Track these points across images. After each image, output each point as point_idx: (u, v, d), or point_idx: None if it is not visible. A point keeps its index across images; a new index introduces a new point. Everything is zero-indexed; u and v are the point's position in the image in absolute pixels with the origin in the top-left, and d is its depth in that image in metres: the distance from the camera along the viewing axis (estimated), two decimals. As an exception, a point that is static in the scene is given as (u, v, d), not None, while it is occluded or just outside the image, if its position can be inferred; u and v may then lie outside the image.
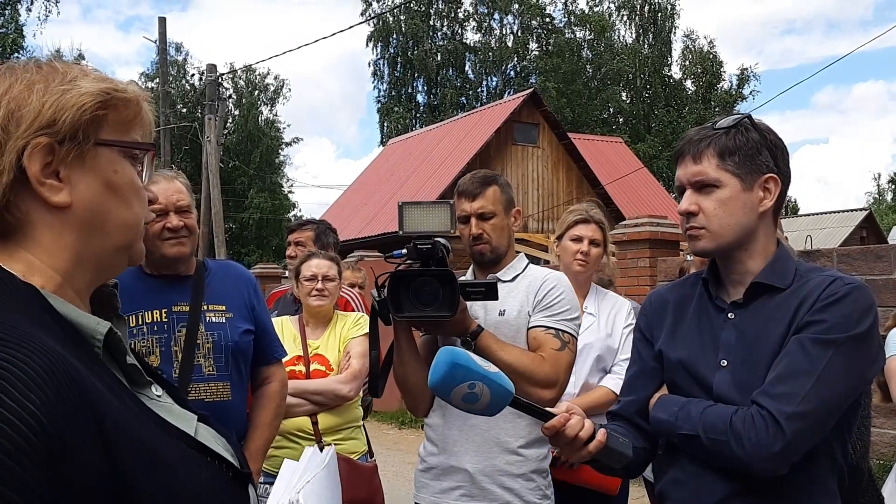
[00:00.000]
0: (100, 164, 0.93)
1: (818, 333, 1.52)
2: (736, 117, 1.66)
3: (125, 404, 0.87)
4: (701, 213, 1.64)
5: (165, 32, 18.68)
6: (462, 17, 39.95)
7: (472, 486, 2.33)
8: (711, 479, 1.60)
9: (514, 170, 21.22)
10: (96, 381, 0.82)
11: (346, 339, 3.46)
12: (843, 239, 25.75)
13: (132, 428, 0.84)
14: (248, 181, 36.33)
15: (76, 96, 0.91)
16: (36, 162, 0.88)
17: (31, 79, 0.91)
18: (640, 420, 1.79)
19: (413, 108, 40.21)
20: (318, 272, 3.44)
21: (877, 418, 5.39)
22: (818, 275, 1.62)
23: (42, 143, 0.88)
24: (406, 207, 2.25)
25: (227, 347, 2.45)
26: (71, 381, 0.77)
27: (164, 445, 0.89)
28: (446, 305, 2.17)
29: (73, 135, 0.90)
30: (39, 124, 0.89)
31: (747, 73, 39.36)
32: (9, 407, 0.71)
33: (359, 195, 25.36)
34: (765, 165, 1.63)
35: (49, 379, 0.75)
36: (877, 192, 51.93)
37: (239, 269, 2.74)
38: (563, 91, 35.95)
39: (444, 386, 1.41)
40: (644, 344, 1.84)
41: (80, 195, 0.91)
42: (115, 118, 0.96)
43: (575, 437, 1.56)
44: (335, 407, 3.32)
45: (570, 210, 3.39)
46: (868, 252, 5.94)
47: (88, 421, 0.78)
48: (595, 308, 3.27)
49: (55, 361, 0.77)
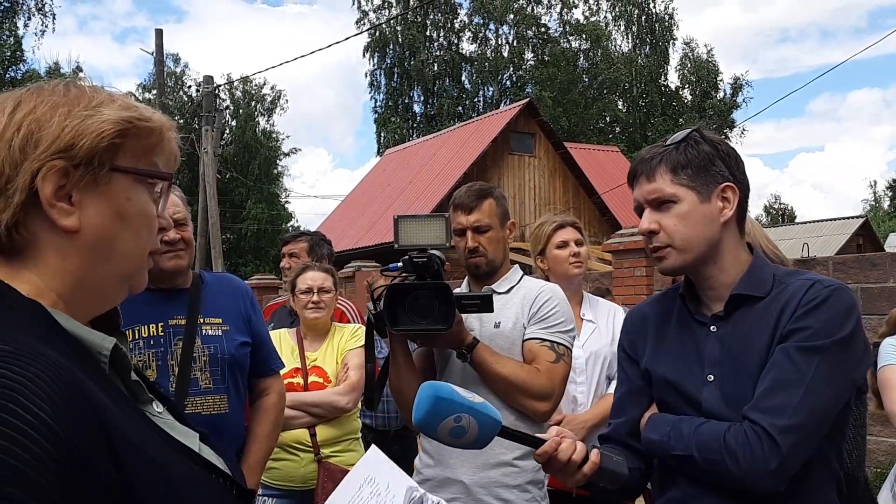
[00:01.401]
0: (113, 190, 0.93)
1: (803, 341, 1.51)
2: (685, 132, 1.66)
3: (132, 419, 0.87)
4: (662, 231, 1.63)
5: (162, 44, 18.73)
6: (458, 28, 40.09)
7: (468, 497, 2.32)
8: (708, 498, 1.58)
9: (511, 179, 21.27)
10: (103, 395, 0.83)
11: (344, 351, 3.47)
12: (840, 246, 25.78)
13: (140, 443, 0.85)
14: (246, 192, 36.34)
15: (97, 123, 0.91)
16: (49, 184, 0.88)
17: (56, 101, 0.92)
18: (633, 441, 1.77)
19: (410, 118, 40.28)
20: (313, 284, 3.45)
21: (873, 426, 5.39)
22: (796, 279, 1.61)
23: (57, 166, 0.89)
24: (401, 221, 2.26)
25: (223, 360, 2.45)
26: (80, 393, 0.78)
27: (171, 462, 0.90)
28: (442, 318, 2.18)
29: (90, 160, 0.90)
30: (57, 147, 0.89)
31: (740, 82, 39.53)
32: (22, 417, 0.71)
33: (356, 205, 25.38)
34: (720, 175, 1.62)
35: (59, 390, 0.75)
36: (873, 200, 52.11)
37: (235, 281, 2.74)
38: (560, 100, 36.04)
39: (429, 422, 1.37)
40: (629, 363, 1.82)
41: (90, 220, 0.91)
42: (134, 146, 0.96)
43: (568, 461, 1.54)
44: (333, 419, 3.33)
45: (540, 223, 3.36)
46: (863, 260, 5.96)
47: (99, 434, 0.78)
48: (593, 315, 3.28)
49: (63, 374, 0.77)
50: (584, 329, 3.21)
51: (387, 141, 38.07)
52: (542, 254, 3.30)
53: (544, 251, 3.28)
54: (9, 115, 0.90)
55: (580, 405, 3.12)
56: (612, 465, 1.60)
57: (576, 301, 3.27)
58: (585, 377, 3.13)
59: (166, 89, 23.55)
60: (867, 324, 4.98)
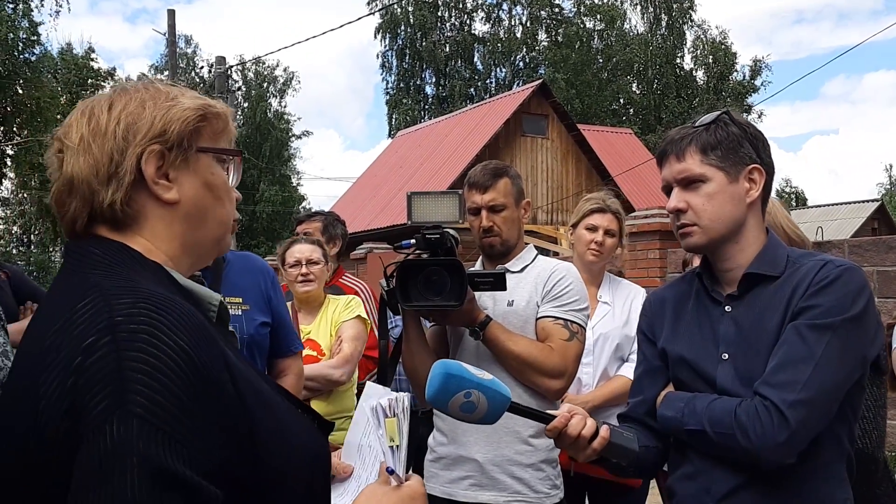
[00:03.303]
0: (200, 167, 1.11)
1: (814, 318, 1.54)
2: (715, 114, 1.70)
3: (238, 357, 1.03)
4: (690, 210, 1.66)
5: (175, 24, 18.72)
6: (470, 8, 39.85)
7: (482, 475, 2.32)
8: (720, 472, 1.61)
9: (524, 161, 21.18)
10: (218, 336, 0.99)
11: (338, 323, 3.42)
12: (855, 230, 25.60)
13: (249, 378, 1.00)
14: (258, 174, 36.43)
15: (180, 111, 1.08)
16: (151, 165, 1.05)
17: (142, 97, 1.08)
18: (650, 420, 1.80)
19: (422, 100, 40.17)
20: (301, 257, 3.41)
21: (890, 409, 5.35)
22: (809, 259, 1.64)
23: (156, 149, 1.06)
24: (415, 197, 2.25)
25: (243, 340, 2.45)
26: (206, 331, 0.95)
27: (272, 394, 1.06)
28: (454, 295, 2.16)
29: (180, 143, 1.07)
30: (153, 134, 1.06)
31: (760, 64, 39.12)
32: (167, 343, 0.87)
33: (367, 187, 25.38)
34: (748, 157, 1.66)
35: (192, 326, 0.92)
36: (889, 183, 51.59)
37: (257, 260, 2.72)
38: (573, 82, 35.81)
39: (440, 398, 1.42)
40: (648, 344, 1.85)
41: (186, 193, 1.09)
42: (209, 129, 1.13)
43: (578, 437, 1.57)
44: (329, 393, 3.29)
45: (587, 198, 3.36)
46: (880, 243, 5.88)
47: (223, 365, 0.94)
48: (610, 297, 3.25)
49: (193, 316, 0.94)
50: (597, 311, 3.19)
51: (398, 123, 38.02)
52: (574, 227, 3.30)
53: (576, 225, 3.28)
54: (108, 112, 1.06)
55: (585, 386, 3.12)
56: (621, 441, 1.63)
57: (595, 282, 3.24)
58: (592, 358, 3.11)
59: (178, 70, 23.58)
60: (883, 307, 4.93)
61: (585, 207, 3.27)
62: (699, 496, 1.64)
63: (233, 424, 0.93)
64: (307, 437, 1.09)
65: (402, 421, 1.23)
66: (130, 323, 0.88)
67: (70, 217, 1.07)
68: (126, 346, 0.86)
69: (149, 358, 0.86)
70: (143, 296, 0.92)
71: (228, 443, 0.92)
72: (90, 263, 1.01)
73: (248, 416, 0.95)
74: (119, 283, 0.96)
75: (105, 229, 1.06)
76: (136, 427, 0.83)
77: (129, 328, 0.87)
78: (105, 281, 0.96)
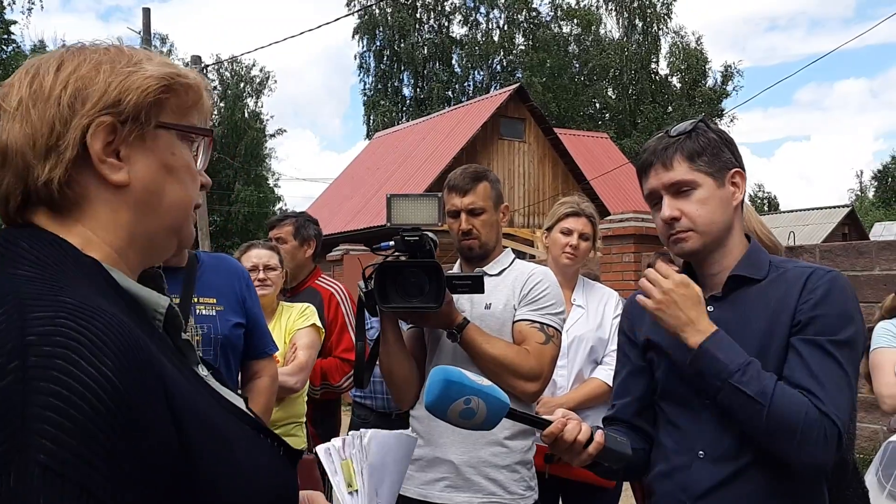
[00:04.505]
0: (159, 145, 0.95)
1: (832, 335, 1.57)
2: (692, 122, 1.72)
3: (187, 378, 0.89)
4: (683, 217, 1.67)
5: (150, 23, 18.53)
6: (448, 11, 39.89)
7: (458, 477, 2.33)
8: (698, 471, 1.62)
9: (501, 164, 21.23)
10: (160, 354, 0.85)
11: (293, 331, 3.41)
12: (826, 235, 25.95)
13: (196, 402, 0.87)
14: (234, 174, 36.13)
15: (141, 79, 0.93)
16: (98, 140, 0.90)
17: (99, 59, 0.93)
18: (640, 421, 1.80)
19: (399, 102, 40.11)
20: (258, 262, 3.40)
21: (860, 412, 5.43)
22: (792, 266, 1.69)
23: (106, 122, 0.90)
24: (394, 199, 2.25)
25: (216, 340, 2.44)
26: (141, 350, 0.79)
27: (225, 420, 0.92)
28: (432, 297, 2.17)
29: (136, 116, 0.92)
30: (105, 104, 0.90)
31: (731, 70, 39.54)
32: (85, 370, 0.73)
33: (344, 189, 25.29)
34: (730, 161, 1.70)
35: (121, 346, 0.77)
36: (859, 190, 52.40)
37: (231, 262, 2.71)
38: (550, 86, 35.97)
39: (440, 404, 1.40)
40: (630, 345, 1.85)
41: (138, 175, 0.93)
42: (176, 102, 0.98)
43: (574, 442, 1.57)
44: (281, 400, 3.28)
45: (562, 202, 3.39)
46: (850, 248, 5.99)
47: (159, 391, 0.80)
48: (584, 300, 3.29)
49: (125, 330, 0.79)
50: (572, 314, 3.22)
51: (376, 124, 37.90)
52: (549, 230, 3.33)
53: (551, 229, 3.31)
54: (54, 74, 0.91)
55: (559, 388, 3.14)
56: (616, 446, 1.63)
57: (569, 285, 3.27)
58: (567, 361, 3.14)
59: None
60: (854, 311, 5.00)
61: (560, 211, 3.31)
62: (676, 494, 1.66)
63: (169, 465, 0.79)
64: (270, 473, 0.95)
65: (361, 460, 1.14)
66: (45, 344, 0.73)
67: (2, 194, 0.92)
68: (36, 375, 0.71)
69: (61, 390, 0.71)
70: (65, 308, 0.77)
71: (161, 487, 0.78)
72: (13, 260, 0.86)
73: (191, 454, 0.82)
74: (41, 290, 0.80)
75: (43, 214, 0.91)
76: (39, 478, 0.68)
77: (42, 351, 0.73)
78: (25, 286, 0.81)
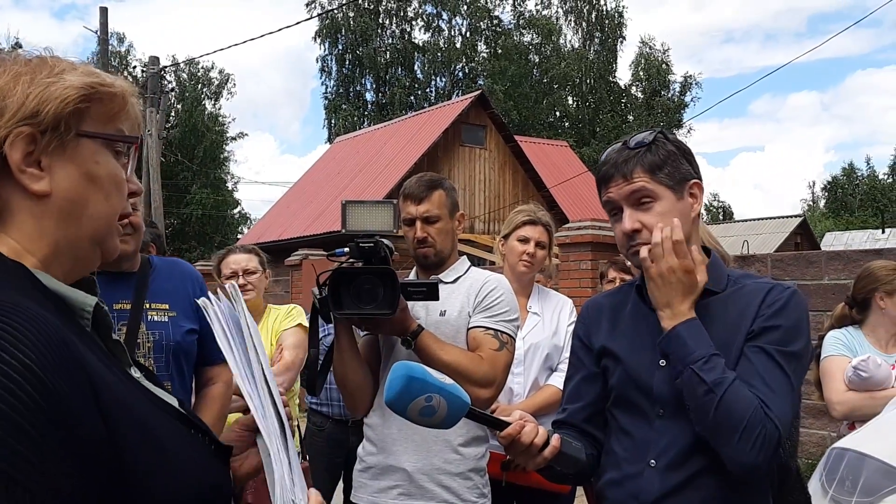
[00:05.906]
0: (81, 154, 0.95)
1: (783, 345, 1.59)
2: (651, 133, 1.70)
3: (116, 375, 0.90)
4: (644, 229, 1.67)
5: (107, 22, 18.20)
6: (411, 16, 39.91)
7: (411, 484, 2.33)
8: (649, 479, 1.63)
9: (462, 171, 21.29)
10: (87, 351, 0.86)
11: (279, 332, 3.41)
12: (779, 244, 26.52)
13: (124, 397, 0.87)
14: (191, 176, 35.64)
15: (60, 89, 0.93)
16: (18, 150, 0.90)
17: (19, 70, 0.93)
18: (590, 427, 1.80)
19: (361, 106, 40.01)
20: (237, 268, 3.39)
21: (805, 419, 5.56)
22: (750, 280, 1.69)
23: (24, 132, 0.91)
24: (349, 206, 2.24)
25: (168, 347, 2.40)
26: (65, 346, 0.80)
27: (154, 416, 0.93)
28: (386, 303, 2.17)
29: (56, 126, 0.93)
30: (23, 115, 0.91)
31: (690, 81, 40.25)
32: (10, 364, 0.73)
33: (304, 193, 25.10)
34: (688, 173, 1.69)
35: (45, 341, 0.78)
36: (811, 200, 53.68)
37: (185, 266, 2.67)
38: (511, 94, 36.22)
39: (401, 401, 1.38)
40: (584, 351, 1.85)
41: (60, 184, 0.93)
42: (99, 111, 0.98)
43: (530, 444, 1.57)
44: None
45: (518, 210, 3.41)
46: (800, 258, 6.13)
47: (86, 385, 0.81)
48: (539, 307, 3.31)
49: (49, 327, 0.80)
50: (527, 321, 3.24)
51: (337, 128, 37.73)
52: (505, 238, 3.35)
53: (508, 237, 3.33)
54: None
55: (516, 396, 3.16)
56: (571, 451, 1.64)
57: (524, 293, 3.30)
58: (523, 369, 3.16)
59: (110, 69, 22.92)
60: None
61: (517, 219, 3.33)
62: (627, 502, 1.66)
63: (98, 457, 0.80)
64: (201, 467, 0.96)
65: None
66: None
67: None
68: None
69: None
70: None
71: (89, 479, 0.78)
72: None
73: (118, 447, 0.82)
74: None
75: None
76: None
77: None
78: None
